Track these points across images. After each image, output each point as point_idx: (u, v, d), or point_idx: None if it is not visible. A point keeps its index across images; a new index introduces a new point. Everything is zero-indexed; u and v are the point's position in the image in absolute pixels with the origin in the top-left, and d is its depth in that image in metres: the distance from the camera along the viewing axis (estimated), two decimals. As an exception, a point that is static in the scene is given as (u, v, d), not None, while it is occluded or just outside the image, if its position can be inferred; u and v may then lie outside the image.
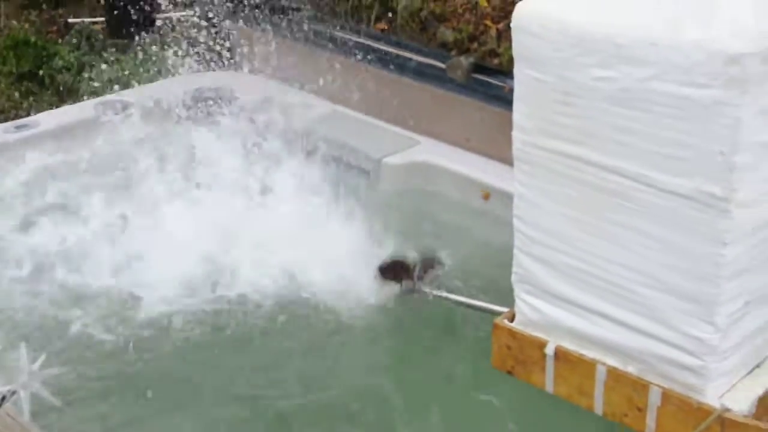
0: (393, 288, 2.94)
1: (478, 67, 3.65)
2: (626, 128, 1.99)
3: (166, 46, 4.24)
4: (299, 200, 3.34)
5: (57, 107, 4.01)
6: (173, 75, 4.20)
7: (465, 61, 3.67)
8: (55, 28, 4.62)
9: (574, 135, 2.09)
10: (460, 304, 2.84)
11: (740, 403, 2.04)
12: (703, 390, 2.04)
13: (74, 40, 4.54)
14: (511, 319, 2.40)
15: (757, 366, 2.15)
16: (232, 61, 4.38)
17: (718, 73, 1.79)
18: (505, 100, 3.35)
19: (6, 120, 3.91)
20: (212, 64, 4.33)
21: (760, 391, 2.08)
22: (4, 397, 0.76)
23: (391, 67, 3.85)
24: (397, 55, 3.87)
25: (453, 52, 3.74)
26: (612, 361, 2.19)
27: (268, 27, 4.20)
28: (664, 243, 2.00)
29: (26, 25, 4.56)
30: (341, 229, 3.18)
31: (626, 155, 2.01)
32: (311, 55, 4.10)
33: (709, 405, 2.03)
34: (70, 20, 4.81)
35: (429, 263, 3.00)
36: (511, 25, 2.13)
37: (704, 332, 1.99)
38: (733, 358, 2.05)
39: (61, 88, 4.18)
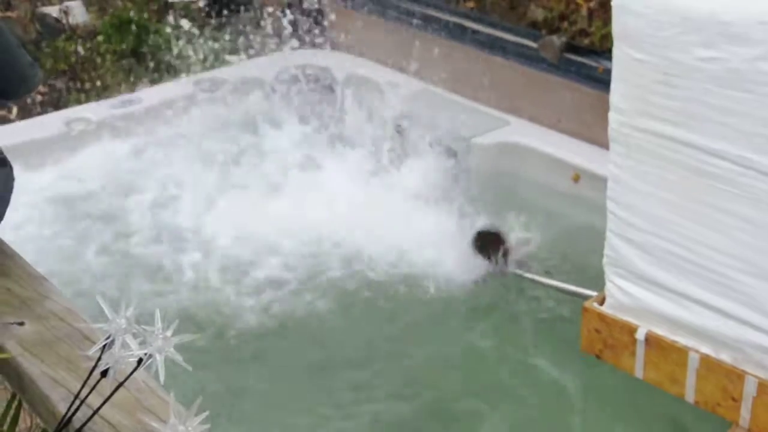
0: (484, 267, 2.94)
1: (570, 47, 3.59)
2: (730, 110, 1.93)
3: (261, 25, 4.32)
4: (388, 180, 3.37)
5: (157, 84, 4.15)
6: (269, 53, 4.27)
7: (557, 40, 3.61)
8: (155, 7, 4.75)
9: (674, 116, 2.04)
10: (549, 286, 2.82)
11: (839, 395, 1.97)
12: (801, 381, 1.98)
13: (173, 19, 4.66)
14: (601, 302, 2.37)
15: None
16: (325, 39, 4.43)
17: (829, 53, 1.72)
18: (597, 80, 3.30)
19: (111, 96, 4.06)
20: (306, 42, 4.39)
21: None
22: (140, 360, 0.80)
23: (482, 45, 3.83)
24: (488, 34, 3.84)
25: (543, 31, 3.69)
26: (705, 349, 2.15)
27: (361, 6, 4.23)
28: (763, 228, 1.94)
29: (129, 4, 4.71)
30: (430, 209, 3.19)
31: (728, 137, 1.95)
32: (401, 33, 4.10)
33: (808, 397, 1.98)
34: (170, -1, 4.94)
35: (517, 244, 2.99)
36: (612, 3, 2.09)
37: (804, 321, 1.93)
38: (833, 349, 1.98)
39: (162, 66, 4.31)
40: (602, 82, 3.04)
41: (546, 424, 2.46)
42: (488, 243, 2.94)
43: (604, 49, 3.39)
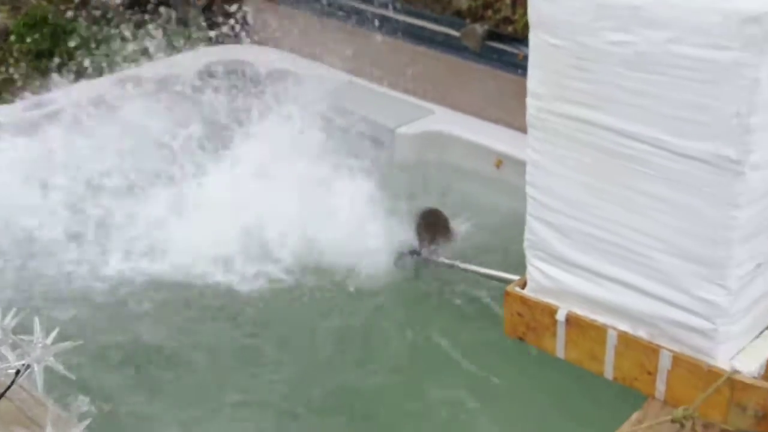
0: (409, 258, 2.96)
1: (493, 35, 3.64)
2: (642, 92, 1.98)
3: (183, 20, 4.24)
4: (314, 170, 3.35)
5: (74, 84, 4.03)
6: (189, 49, 4.20)
7: (479, 28, 3.66)
8: (72, 4, 4.62)
9: (589, 100, 2.08)
10: (473, 272, 2.85)
11: (749, 365, 2.05)
12: (713, 353, 2.05)
13: (90, 17, 4.54)
14: (523, 286, 2.42)
15: (767, 328, 2.16)
16: (248, 33, 4.38)
17: (735, 33, 1.78)
18: (518, 67, 3.35)
19: (25, 97, 3.93)
20: (228, 37, 4.34)
21: (769, 354, 2.10)
22: (18, 372, 0.77)
23: (405, 36, 3.84)
24: (411, 24, 3.86)
25: (467, 20, 3.73)
26: (623, 326, 2.20)
27: (284, -1, 4.20)
28: (678, 207, 2.00)
29: (44, 2, 4.56)
30: (355, 199, 3.19)
31: (642, 119, 2.01)
32: (325, 26, 4.09)
33: (719, 368, 2.05)
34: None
35: (443, 232, 3.01)
36: (527, -10, 2.13)
37: (716, 295, 2.00)
38: (743, 321, 2.06)
39: (79, 65, 4.19)
40: (523, 68, 3.06)
41: (472, 411, 2.49)
42: (433, 225, 2.96)
43: (526, 37, 3.43)
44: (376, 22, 3.91)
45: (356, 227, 3.02)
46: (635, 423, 2.12)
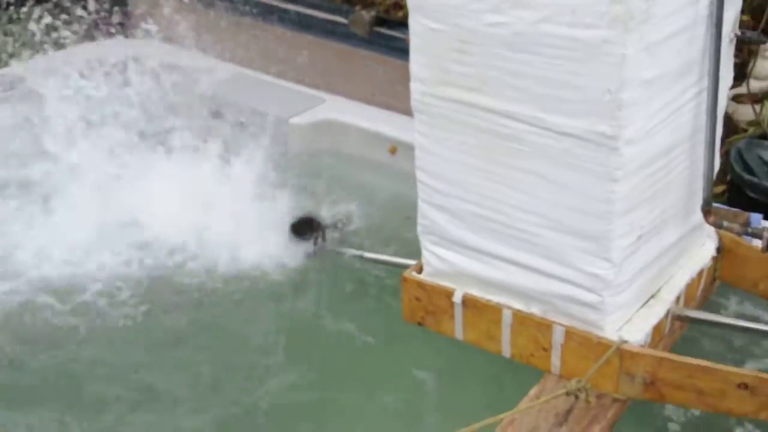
0: (305, 247, 2.93)
1: (380, 20, 3.63)
2: (520, 72, 2.01)
3: (64, 14, 4.06)
4: (206, 164, 3.28)
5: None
6: (73, 45, 4.03)
7: (366, 14, 3.65)
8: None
9: (471, 82, 2.10)
10: (370, 260, 2.85)
11: (636, 334, 2.12)
12: (602, 325, 2.11)
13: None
14: (419, 271, 2.42)
15: (652, 297, 2.23)
16: (132, 27, 4.25)
17: (602, 12, 1.82)
18: (406, 52, 3.34)
19: None
20: (114, 32, 4.19)
21: (654, 321, 2.16)
22: None
23: (293, 25, 3.80)
24: (298, 12, 3.82)
25: (358, 7, 3.71)
26: (517, 305, 2.24)
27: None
28: (560, 184, 2.04)
29: None
30: (249, 192, 3.14)
31: (520, 99, 2.03)
32: (212, 18, 4.00)
33: (608, 339, 2.10)
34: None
35: (338, 221, 3.00)
36: (404, -26, 2.12)
37: (600, 268, 2.05)
38: (628, 292, 2.12)
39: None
40: (410, 53, 3.09)
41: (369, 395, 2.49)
42: (305, 229, 2.94)
43: (413, 22, 3.45)
44: (265, 13, 3.85)
45: (248, 220, 2.97)
46: (533, 398, 2.16)
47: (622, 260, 2.05)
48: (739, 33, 2.10)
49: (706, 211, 2.24)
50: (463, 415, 1.91)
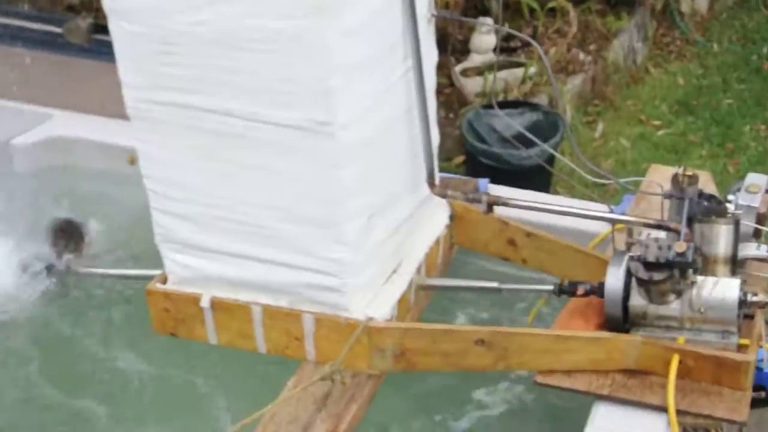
0: (39, 279, 2.75)
1: (99, 27, 3.47)
2: (231, 69, 1.99)
3: None
4: None
5: None
6: None
7: (83, 22, 3.47)
8: None
9: (183, 84, 2.06)
10: (112, 276, 2.73)
11: (382, 310, 2.19)
12: (347, 307, 2.16)
13: None
14: (164, 281, 2.35)
15: (394, 272, 2.31)
16: None
17: (300, 2, 1.85)
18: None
19: None
20: None
21: (398, 295, 2.25)
22: None
23: (3, 39, 3.53)
24: (6, 25, 3.56)
25: (83, 14, 3.51)
26: (265, 300, 2.24)
27: None
28: (287, 176, 2.06)
29: None
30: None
31: (236, 96, 2.02)
32: None
33: (355, 319, 2.16)
34: None
35: (76, 240, 2.83)
36: (95, -24, 2.03)
37: (337, 252, 2.09)
38: (369, 271, 2.18)
39: None
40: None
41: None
42: (65, 235, 2.76)
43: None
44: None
45: None
46: (291, 389, 2.18)
47: (356, 242, 2.11)
48: (435, 13, 2.22)
49: (431, 183, 2.36)
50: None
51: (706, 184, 2.57)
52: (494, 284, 2.35)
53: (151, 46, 2.02)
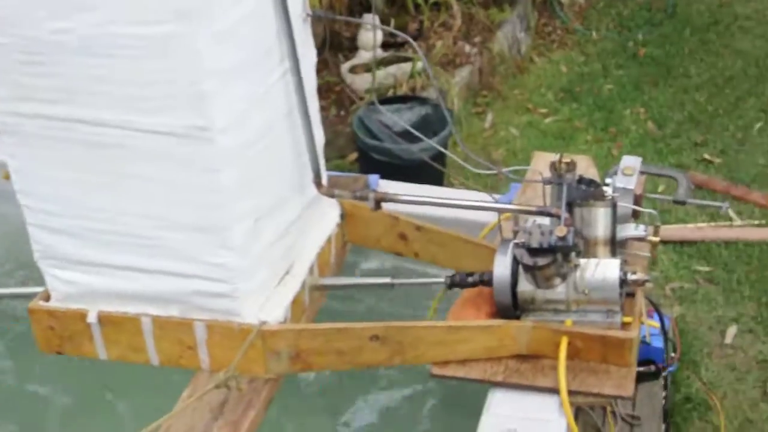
0: None
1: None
2: (100, 78, 1.93)
3: None
4: None
5: None
6: None
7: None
8: None
9: (52, 95, 1.98)
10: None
11: (276, 312, 2.17)
12: (239, 312, 2.13)
13: None
14: (47, 298, 2.27)
15: (286, 273, 2.30)
16: None
17: (168, 6, 1.80)
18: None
19: None
20: None
21: (291, 296, 2.23)
22: None
23: None
24: None
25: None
26: (154, 311, 2.18)
27: None
28: (167, 183, 2.01)
29: None
30: None
31: (109, 105, 1.96)
32: None
33: (248, 324, 2.13)
34: None
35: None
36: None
37: (225, 257, 2.06)
38: (259, 275, 2.16)
39: None
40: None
41: None
42: None
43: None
44: None
45: None
46: (185, 399, 2.13)
47: (243, 246, 2.08)
48: (310, 12, 2.20)
49: (318, 183, 2.35)
50: None
51: (588, 168, 2.65)
52: (386, 280, 2.37)
53: (13, 56, 1.94)
